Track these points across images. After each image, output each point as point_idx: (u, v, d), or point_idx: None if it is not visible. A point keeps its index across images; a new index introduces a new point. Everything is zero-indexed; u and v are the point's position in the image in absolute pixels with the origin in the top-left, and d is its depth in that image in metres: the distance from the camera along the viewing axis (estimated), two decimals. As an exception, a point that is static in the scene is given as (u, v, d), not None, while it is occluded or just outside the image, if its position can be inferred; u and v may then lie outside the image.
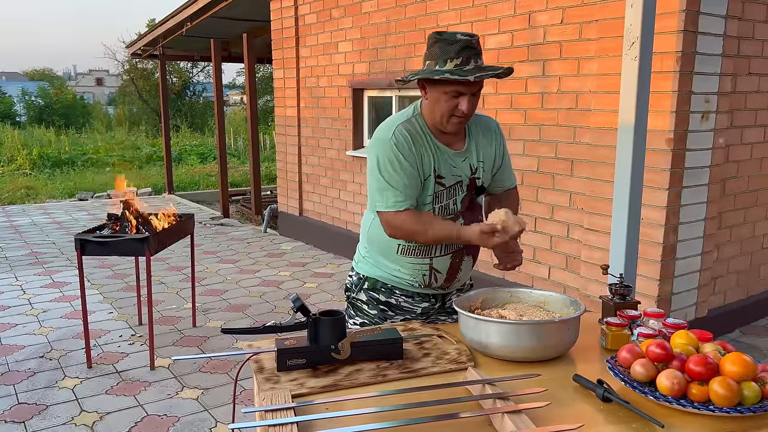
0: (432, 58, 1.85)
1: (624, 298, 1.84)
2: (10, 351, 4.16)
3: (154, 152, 17.63)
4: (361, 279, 2.11)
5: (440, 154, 1.94)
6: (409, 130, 1.92)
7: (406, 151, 1.88)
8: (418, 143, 1.91)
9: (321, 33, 6.73)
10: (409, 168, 1.89)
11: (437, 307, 2.10)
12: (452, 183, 1.96)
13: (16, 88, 30.89)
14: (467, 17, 4.95)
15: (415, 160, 1.90)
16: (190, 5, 8.29)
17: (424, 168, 1.92)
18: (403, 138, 1.89)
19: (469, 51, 1.82)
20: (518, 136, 4.67)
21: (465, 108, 1.85)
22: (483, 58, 1.88)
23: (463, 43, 1.82)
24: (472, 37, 1.85)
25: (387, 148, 1.89)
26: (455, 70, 1.80)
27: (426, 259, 1.99)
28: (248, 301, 5.27)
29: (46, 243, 7.52)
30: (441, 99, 1.86)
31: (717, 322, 4.23)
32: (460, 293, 2.13)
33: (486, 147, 2.03)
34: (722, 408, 1.29)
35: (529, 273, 4.74)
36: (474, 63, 1.82)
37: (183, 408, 3.38)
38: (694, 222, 3.94)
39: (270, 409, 1.33)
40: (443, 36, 1.85)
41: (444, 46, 1.83)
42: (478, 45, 1.86)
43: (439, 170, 1.94)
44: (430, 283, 2.03)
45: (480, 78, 1.80)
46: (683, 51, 3.56)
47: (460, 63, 1.81)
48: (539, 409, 1.30)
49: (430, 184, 1.93)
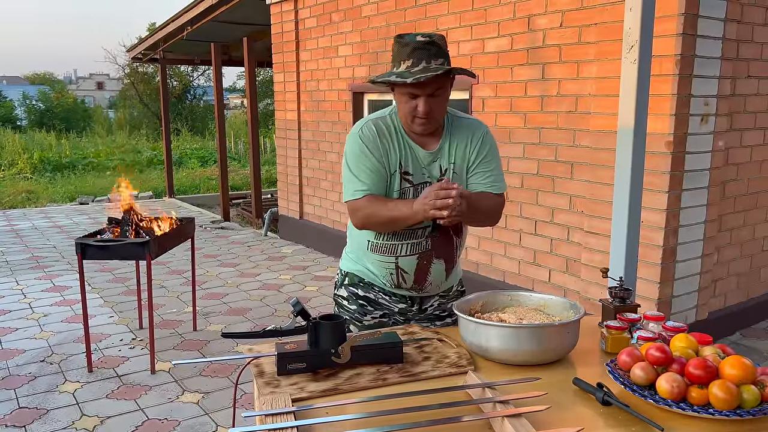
0: (392, 61, 1.88)
1: (624, 301, 1.85)
2: (11, 355, 4.16)
3: (154, 156, 17.65)
4: (342, 275, 2.13)
5: (410, 153, 1.95)
6: (379, 125, 1.95)
7: (370, 143, 1.92)
8: (386, 138, 1.93)
9: (321, 37, 6.75)
10: (372, 158, 1.91)
11: (415, 310, 2.07)
12: (420, 182, 1.96)
13: (17, 92, 30.96)
14: (467, 21, 4.96)
15: (380, 152, 1.91)
16: (191, 9, 8.31)
17: (390, 163, 1.93)
18: (369, 131, 1.93)
19: (421, 52, 1.80)
20: (518, 139, 4.68)
21: (422, 110, 1.84)
22: (443, 58, 1.84)
23: (416, 44, 1.81)
24: (430, 38, 1.83)
25: (354, 141, 1.95)
26: (401, 72, 1.81)
27: (392, 257, 1.99)
28: (249, 304, 5.27)
29: (46, 247, 7.53)
30: (401, 101, 1.89)
31: (717, 325, 4.23)
32: (443, 299, 2.11)
33: (461, 148, 1.99)
34: (722, 411, 1.29)
35: (529, 276, 4.74)
36: (425, 63, 1.80)
37: (183, 412, 3.38)
38: (694, 225, 3.94)
39: (270, 413, 1.33)
40: (401, 38, 1.85)
41: (399, 48, 1.85)
42: (437, 45, 1.83)
43: (407, 167, 1.94)
44: (399, 282, 2.02)
45: (418, 79, 1.77)
46: (682, 54, 3.57)
47: (411, 65, 1.81)
48: (539, 413, 1.30)
49: (396, 180, 1.94)
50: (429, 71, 1.78)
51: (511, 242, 4.87)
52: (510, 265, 4.91)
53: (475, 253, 5.21)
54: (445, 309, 2.12)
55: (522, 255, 4.79)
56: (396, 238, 1.97)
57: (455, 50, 5.11)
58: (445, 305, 2.12)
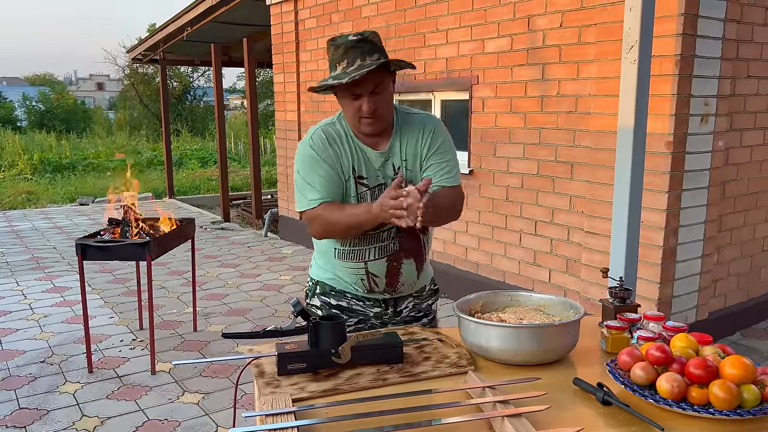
0: (329, 66, 1.84)
1: (624, 301, 1.85)
2: (11, 356, 4.16)
3: (154, 156, 17.65)
4: (313, 284, 2.09)
5: (362, 155, 1.91)
6: (328, 132, 1.92)
7: (321, 151, 1.89)
8: (336, 144, 1.90)
9: (321, 37, 6.75)
10: (324, 166, 1.88)
11: (390, 313, 2.04)
12: (375, 184, 1.92)
13: (17, 93, 30.96)
14: (467, 21, 4.96)
15: (332, 159, 1.88)
16: (191, 10, 8.31)
17: (343, 169, 1.90)
18: (319, 139, 1.90)
19: (355, 51, 1.77)
20: (518, 139, 4.68)
21: (366, 109, 1.81)
22: (378, 54, 1.79)
23: (348, 43, 1.78)
24: (362, 35, 1.79)
25: (304, 149, 1.92)
26: (338, 74, 1.78)
27: (361, 263, 1.96)
28: (249, 305, 5.27)
29: (47, 248, 7.53)
30: (345, 104, 1.86)
31: (717, 325, 4.23)
32: (417, 300, 2.09)
33: (411, 144, 1.94)
34: (722, 411, 1.29)
35: (529, 276, 4.74)
36: (360, 61, 1.76)
37: (184, 412, 3.38)
38: (694, 225, 3.94)
39: (271, 414, 1.33)
40: (334, 41, 1.82)
41: (333, 51, 1.81)
42: (370, 42, 1.79)
43: (360, 171, 1.91)
44: (371, 287, 1.99)
45: (353, 78, 1.73)
46: (682, 54, 3.57)
47: (346, 65, 1.77)
48: (539, 413, 1.30)
49: (351, 186, 1.91)
50: (364, 68, 1.74)
51: (511, 242, 4.88)
52: (510, 266, 4.91)
53: (475, 253, 5.21)
54: (420, 309, 2.10)
55: (522, 255, 4.79)
56: (363, 243, 1.94)
57: (455, 50, 5.12)
58: (420, 305, 2.09)
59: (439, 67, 5.32)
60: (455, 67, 5.16)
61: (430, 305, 2.15)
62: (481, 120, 4.98)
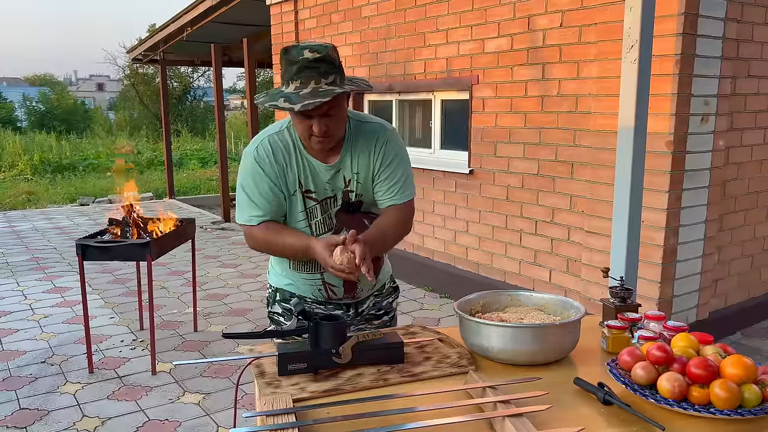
0: (281, 78, 1.73)
1: (624, 301, 1.85)
2: (12, 356, 4.16)
3: (155, 157, 17.66)
4: (273, 291, 2.06)
5: (310, 168, 1.84)
6: (275, 142, 1.84)
7: (266, 165, 1.81)
8: (282, 157, 1.83)
9: (321, 38, 6.75)
10: (267, 182, 1.82)
11: (352, 314, 2.02)
12: (324, 197, 1.88)
13: (17, 94, 30.96)
14: (467, 21, 4.96)
15: (276, 174, 1.82)
16: (191, 10, 8.31)
17: (288, 183, 1.84)
18: (264, 152, 1.82)
19: (309, 71, 1.66)
20: (518, 139, 4.68)
21: (317, 130, 1.71)
22: (334, 74, 1.68)
23: (302, 63, 1.66)
24: (318, 52, 1.66)
25: (248, 161, 1.84)
26: (289, 95, 1.67)
27: (317, 274, 1.93)
28: (249, 305, 5.27)
29: (47, 248, 7.53)
30: (295, 120, 1.76)
31: (718, 325, 4.23)
32: (378, 298, 2.07)
33: (364, 157, 1.87)
34: (723, 411, 1.29)
35: (530, 276, 4.74)
36: (314, 84, 1.66)
37: (184, 413, 3.38)
38: (694, 224, 3.94)
39: (271, 414, 1.33)
40: (288, 53, 1.69)
41: (286, 65, 1.69)
42: (327, 61, 1.67)
43: (307, 184, 1.85)
44: (329, 296, 1.97)
45: (305, 107, 1.63)
46: (683, 54, 3.57)
47: (299, 85, 1.66)
48: (540, 413, 1.30)
49: (298, 200, 1.86)
50: (318, 95, 1.64)
51: (511, 242, 4.87)
52: (511, 265, 4.91)
53: (475, 253, 5.21)
54: (381, 307, 2.09)
55: (522, 255, 4.79)
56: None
57: (455, 50, 5.12)
58: (380, 303, 2.08)
59: (439, 66, 5.32)
60: (455, 67, 5.16)
61: (390, 302, 2.13)
62: (482, 120, 4.98)
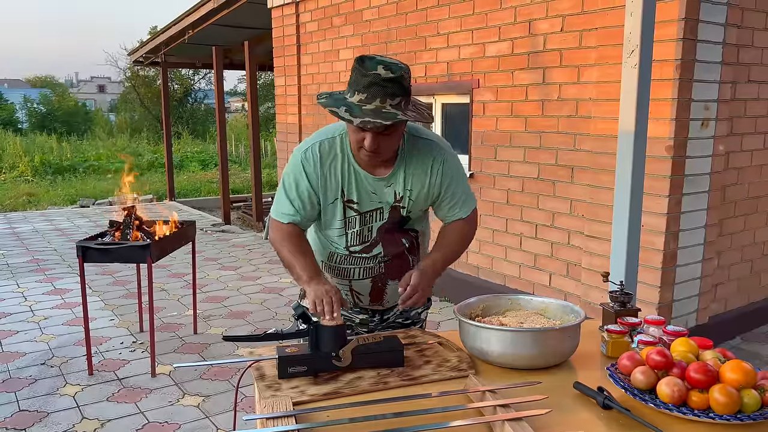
0: (349, 84, 1.72)
1: (624, 305, 1.85)
2: (12, 358, 4.16)
3: (155, 159, 17.66)
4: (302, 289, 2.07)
5: (356, 178, 1.84)
6: (324, 149, 1.83)
7: (310, 169, 1.83)
8: (329, 164, 1.83)
9: (322, 41, 6.76)
10: (307, 185, 1.83)
11: (377, 320, 2.04)
12: (369, 209, 1.87)
13: (18, 96, 30.96)
14: (468, 25, 4.97)
15: (318, 180, 1.83)
16: (192, 13, 8.33)
17: (329, 191, 1.84)
18: (312, 156, 1.83)
19: (377, 88, 1.64)
20: (519, 143, 4.68)
21: (368, 146, 1.70)
22: (401, 97, 1.67)
23: (374, 78, 1.64)
24: (392, 72, 1.65)
25: (296, 160, 1.86)
26: (352, 105, 1.66)
27: (345, 280, 1.97)
28: (249, 308, 5.27)
29: (47, 250, 7.53)
30: (350, 129, 1.76)
31: (718, 329, 4.23)
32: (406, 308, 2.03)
33: (419, 176, 1.86)
34: (722, 415, 1.29)
35: (530, 280, 4.74)
36: (379, 102, 1.64)
37: (184, 415, 3.38)
38: (694, 229, 3.94)
39: (271, 417, 1.34)
40: (363, 64, 1.68)
41: (358, 75, 1.68)
42: (397, 83, 1.66)
43: (350, 194, 1.85)
44: (356, 302, 2.00)
45: (364, 125, 1.63)
46: (683, 59, 3.58)
47: (365, 99, 1.65)
48: (540, 417, 1.31)
49: (338, 209, 1.86)
50: (380, 116, 1.63)
51: (511, 246, 4.88)
52: (511, 269, 4.91)
53: (475, 256, 5.21)
54: (408, 317, 2.08)
55: (523, 259, 4.79)
56: (347, 263, 1.94)
57: (456, 54, 5.13)
58: (408, 313, 2.08)
59: (439, 70, 5.33)
60: (456, 71, 5.16)
61: (419, 313, 2.12)
62: (482, 123, 4.99)
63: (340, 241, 1.91)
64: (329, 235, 1.93)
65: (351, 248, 1.92)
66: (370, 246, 1.91)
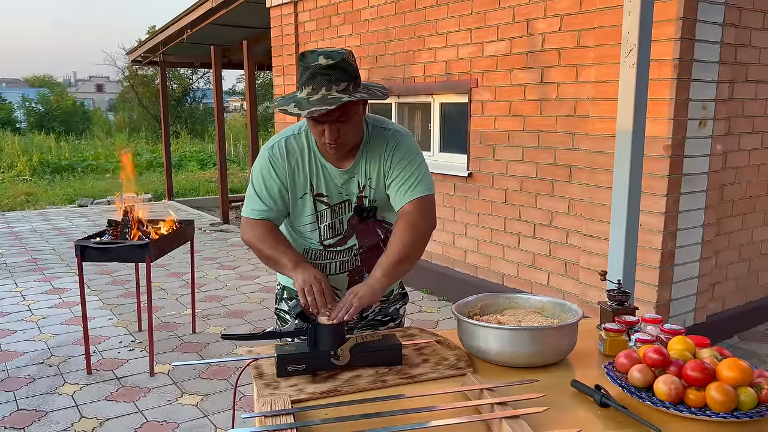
0: (297, 82, 1.73)
1: (622, 304, 1.85)
2: (10, 357, 4.16)
3: (154, 158, 17.65)
4: (281, 289, 2.10)
5: (323, 172, 1.85)
6: (290, 145, 1.85)
7: (278, 164, 1.84)
8: (295, 159, 1.84)
9: (321, 40, 6.76)
10: (276, 180, 1.84)
11: (356, 318, 1.98)
12: (338, 201, 1.88)
13: (16, 95, 30.91)
14: (466, 24, 4.98)
15: (286, 175, 1.84)
16: (191, 12, 8.33)
17: (297, 185, 1.85)
18: (279, 151, 1.85)
19: (321, 78, 1.65)
20: (517, 142, 4.69)
21: (328, 136, 1.71)
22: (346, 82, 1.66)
23: (315, 68, 1.65)
24: (332, 59, 1.65)
25: (264, 157, 1.87)
26: (300, 100, 1.67)
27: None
28: (248, 307, 5.27)
29: (46, 249, 7.53)
30: (309, 124, 1.77)
31: (716, 328, 4.24)
32: (384, 304, 2.06)
33: (375, 162, 1.86)
34: (719, 413, 1.30)
35: (528, 279, 4.75)
36: (324, 91, 1.65)
37: (183, 414, 3.38)
38: (692, 228, 3.95)
39: (269, 415, 1.34)
40: (303, 58, 1.68)
41: (302, 70, 1.69)
42: (339, 68, 1.65)
43: (319, 188, 1.86)
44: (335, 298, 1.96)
45: (311, 114, 1.63)
46: (681, 58, 3.59)
47: (311, 90, 1.66)
48: (537, 415, 1.31)
49: (308, 203, 1.87)
50: (326, 102, 1.63)
51: (509, 245, 4.88)
52: (509, 268, 4.92)
53: (473, 255, 5.22)
54: (387, 313, 2.07)
55: (521, 258, 4.80)
56: (323, 257, 1.93)
57: (454, 54, 5.13)
58: (387, 309, 2.07)
59: (438, 70, 5.33)
60: (454, 70, 5.17)
61: (397, 309, 2.12)
62: (481, 123, 5.00)
63: (314, 236, 1.92)
64: (302, 231, 1.93)
65: (325, 242, 1.92)
66: (344, 238, 1.92)
